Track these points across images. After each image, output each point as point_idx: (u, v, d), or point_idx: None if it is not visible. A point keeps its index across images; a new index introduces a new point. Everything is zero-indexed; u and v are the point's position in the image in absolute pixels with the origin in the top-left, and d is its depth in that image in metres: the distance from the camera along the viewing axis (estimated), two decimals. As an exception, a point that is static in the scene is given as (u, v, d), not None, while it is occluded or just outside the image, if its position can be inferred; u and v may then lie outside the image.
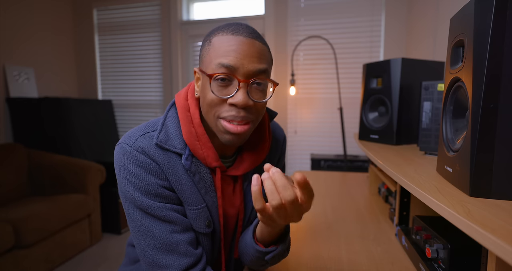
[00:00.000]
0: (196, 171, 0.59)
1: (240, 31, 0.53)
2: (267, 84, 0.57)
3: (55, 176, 2.14)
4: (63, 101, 2.35)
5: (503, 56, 0.42)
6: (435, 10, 1.61)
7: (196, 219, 0.59)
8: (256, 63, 0.53)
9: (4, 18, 2.35)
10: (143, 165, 0.55)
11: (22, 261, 1.64)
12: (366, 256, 0.76)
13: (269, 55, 0.57)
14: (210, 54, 0.54)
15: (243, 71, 0.52)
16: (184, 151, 0.58)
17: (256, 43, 0.54)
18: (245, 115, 0.54)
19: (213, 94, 0.53)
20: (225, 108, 0.54)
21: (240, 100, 0.52)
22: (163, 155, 0.57)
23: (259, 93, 0.56)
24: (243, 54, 0.52)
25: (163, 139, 0.57)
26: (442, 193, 0.50)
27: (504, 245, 0.31)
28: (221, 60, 0.52)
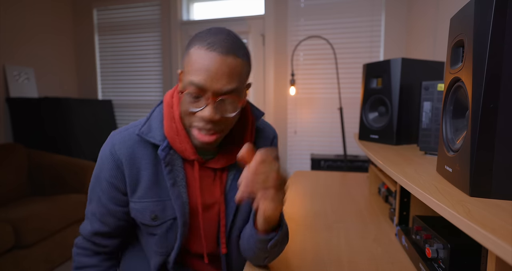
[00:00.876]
0: (169, 162, 0.64)
1: (215, 46, 0.55)
2: (237, 103, 0.60)
3: (55, 176, 2.14)
4: (63, 101, 2.35)
5: (503, 56, 0.42)
6: (435, 10, 1.61)
7: (142, 211, 0.65)
8: (225, 83, 0.56)
9: (4, 18, 2.35)
10: (105, 160, 0.65)
11: (22, 261, 1.64)
12: (366, 256, 0.76)
13: (244, 69, 0.59)
14: (186, 66, 0.58)
15: (211, 90, 0.56)
16: (162, 143, 0.63)
17: (229, 60, 0.55)
18: (212, 127, 0.59)
19: (185, 104, 0.59)
20: (195, 118, 0.59)
21: (207, 115, 0.57)
22: (132, 149, 0.64)
23: (228, 108, 0.59)
24: (213, 74, 0.55)
25: (145, 130, 0.64)
26: (442, 193, 0.50)
27: (504, 245, 0.31)
28: (192, 79, 0.56)
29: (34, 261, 1.70)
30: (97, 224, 0.68)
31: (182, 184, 0.65)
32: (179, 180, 0.65)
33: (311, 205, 1.15)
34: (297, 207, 1.13)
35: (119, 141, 0.64)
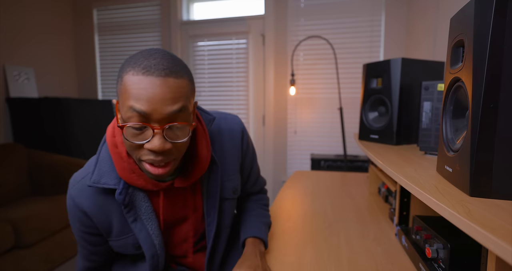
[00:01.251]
0: (129, 201, 0.62)
1: (152, 69, 0.49)
2: (186, 126, 0.55)
3: (55, 176, 2.14)
4: (63, 101, 2.35)
5: (503, 56, 0.42)
6: (435, 10, 1.61)
7: (124, 246, 0.67)
8: (169, 105, 0.50)
9: (4, 18, 2.35)
10: (71, 212, 0.65)
11: (22, 261, 1.64)
12: (366, 256, 0.76)
13: (188, 88, 0.54)
14: (122, 95, 0.51)
15: (156, 117, 0.50)
16: (118, 186, 0.60)
17: (169, 81, 0.50)
18: (163, 158, 0.53)
19: (127, 140, 0.52)
20: (144, 151, 0.53)
21: (156, 146, 0.51)
22: (92, 199, 0.63)
23: (177, 133, 0.54)
24: (155, 99, 0.49)
25: (96, 179, 0.60)
26: (442, 192, 0.50)
27: (504, 245, 0.31)
28: (132, 104, 0.49)
29: (34, 261, 1.70)
30: (86, 262, 0.72)
31: (146, 216, 0.64)
32: (142, 213, 0.64)
33: (311, 205, 1.15)
34: (297, 207, 1.13)
35: (76, 195, 0.63)
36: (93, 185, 0.60)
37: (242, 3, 2.62)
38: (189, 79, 0.55)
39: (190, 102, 0.56)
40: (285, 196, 1.27)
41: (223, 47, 2.61)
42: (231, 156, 0.75)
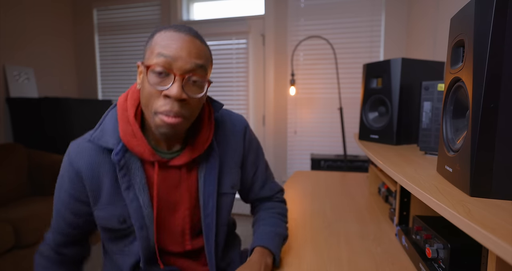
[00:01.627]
0: (124, 165, 0.62)
1: (182, 29, 0.58)
2: (203, 82, 0.60)
3: (55, 176, 2.14)
4: (63, 101, 2.35)
5: (504, 56, 0.42)
6: (435, 10, 1.61)
7: (109, 218, 0.64)
8: (194, 58, 0.57)
9: (4, 18, 2.35)
10: (64, 171, 0.64)
11: (22, 261, 1.64)
12: (366, 256, 0.76)
13: (209, 55, 0.62)
14: (151, 47, 0.58)
15: (180, 65, 0.56)
16: (116, 146, 0.61)
17: (196, 41, 0.58)
18: (178, 110, 0.57)
19: (150, 85, 0.57)
20: (160, 102, 0.57)
21: (174, 92, 0.55)
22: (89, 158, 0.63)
23: (195, 89, 0.59)
24: (182, 48, 0.56)
25: (97, 136, 0.63)
26: (442, 192, 0.50)
27: (504, 245, 0.31)
28: (160, 51, 0.56)
29: (34, 261, 1.70)
30: (58, 235, 0.69)
31: (140, 186, 0.63)
32: (136, 182, 0.63)
33: (311, 205, 1.15)
34: (297, 207, 1.13)
35: (75, 151, 0.63)
36: (93, 140, 0.62)
37: (242, 3, 2.62)
38: (210, 52, 0.63)
39: (208, 69, 0.62)
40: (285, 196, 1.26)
41: (223, 47, 2.61)
42: (232, 149, 0.75)
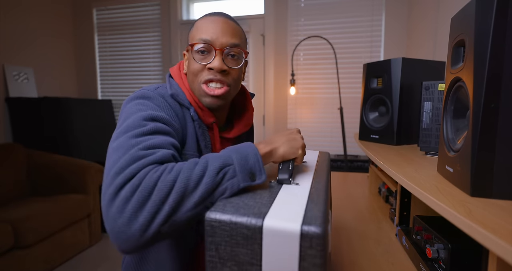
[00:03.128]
0: (200, 125, 0.68)
1: (218, 14, 0.68)
2: (241, 56, 0.69)
3: (55, 176, 2.14)
4: (62, 101, 2.35)
5: (504, 56, 0.42)
6: (435, 10, 1.61)
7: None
8: (229, 37, 0.66)
9: (4, 18, 2.35)
10: (161, 105, 0.61)
11: (22, 261, 1.64)
12: (366, 256, 0.76)
13: (243, 35, 0.70)
14: (193, 33, 0.68)
15: (218, 43, 0.65)
16: (191, 106, 0.67)
17: (230, 22, 0.67)
18: (221, 78, 0.66)
19: (196, 62, 0.66)
20: (205, 73, 0.66)
21: (216, 64, 0.64)
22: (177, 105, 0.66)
23: (233, 62, 0.68)
24: (218, 30, 0.65)
25: (174, 93, 0.67)
26: (442, 193, 0.50)
27: (505, 245, 0.31)
28: (200, 36, 0.65)
29: (34, 261, 1.70)
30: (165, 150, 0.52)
31: (210, 147, 0.68)
32: (208, 143, 0.68)
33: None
34: (297, 207, 1.13)
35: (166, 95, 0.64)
36: (173, 96, 0.66)
37: (242, 3, 2.62)
38: (244, 33, 0.71)
39: (244, 46, 0.70)
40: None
41: (223, 47, 2.61)
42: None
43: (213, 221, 0.42)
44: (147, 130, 0.52)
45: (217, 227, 0.42)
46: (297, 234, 0.38)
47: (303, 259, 0.39)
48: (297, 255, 0.39)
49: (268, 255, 0.40)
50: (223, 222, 0.41)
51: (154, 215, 0.43)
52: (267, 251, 0.40)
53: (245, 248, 0.41)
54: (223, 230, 0.42)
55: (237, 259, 0.42)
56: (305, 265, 0.39)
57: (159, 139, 0.52)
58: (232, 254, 0.42)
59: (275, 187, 0.53)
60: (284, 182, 0.54)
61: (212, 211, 0.43)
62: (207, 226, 0.42)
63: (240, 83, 0.73)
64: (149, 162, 0.47)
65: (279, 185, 0.54)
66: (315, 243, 0.38)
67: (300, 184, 0.54)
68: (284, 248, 0.39)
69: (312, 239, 0.38)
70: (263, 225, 0.40)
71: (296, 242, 0.39)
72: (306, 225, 0.39)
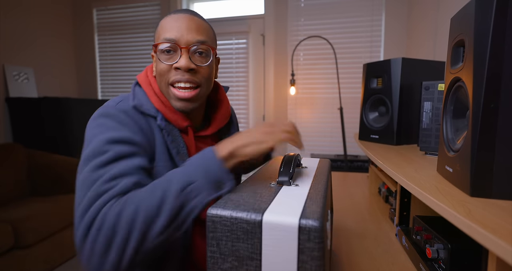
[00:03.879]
0: (169, 132, 0.65)
1: (182, 11, 0.65)
2: (209, 53, 0.66)
3: (55, 176, 2.14)
4: (62, 101, 2.35)
5: (504, 56, 0.42)
6: (435, 10, 1.61)
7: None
8: (194, 34, 0.63)
9: (4, 18, 2.35)
10: (122, 122, 0.59)
11: (22, 261, 1.64)
12: (366, 256, 0.76)
13: (210, 31, 0.67)
14: (158, 33, 0.65)
15: (184, 41, 0.62)
16: (158, 114, 0.64)
17: (195, 19, 0.64)
18: (189, 78, 0.63)
19: (161, 62, 0.63)
20: (172, 73, 0.63)
21: (183, 63, 0.61)
22: (141, 117, 0.63)
23: (201, 59, 0.65)
24: (183, 27, 0.62)
25: (138, 103, 0.64)
26: (442, 193, 0.50)
27: (505, 245, 0.31)
28: (165, 35, 0.62)
29: (34, 261, 1.70)
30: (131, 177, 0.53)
31: (184, 152, 0.65)
32: (181, 148, 0.65)
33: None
34: (297, 207, 1.13)
35: (128, 108, 0.61)
36: (137, 107, 0.63)
37: (242, 3, 2.62)
38: (212, 29, 0.68)
39: (212, 42, 0.67)
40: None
41: (223, 47, 2.61)
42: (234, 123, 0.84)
43: (214, 216, 0.43)
44: (109, 158, 0.53)
45: (218, 222, 0.43)
46: (296, 228, 0.39)
47: (302, 252, 0.40)
48: (296, 248, 0.40)
49: (268, 249, 0.41)
50: (224, 217, 0.43)
51: (122, 252, 0.45)
52: (267, 245, 0.41)
53: (245, 243, 0.42)
54: (224, 225, 0.43)
55: (237, 254, 0.43)
56: (303, 258, 0.40)
57: (121, 166, 0.53)
58: (233, 249, 0.43)
59: (275, 188, 0.54)
60: (284, 184, 0.55)
61: (214, 207, 0.44)
62: (208, 222, 0.43)
63: (212, 81, 0.70)
64: (111, 196, 0.48)
65: (279, 186, 0.55)
66: (313, 236, 0.39)
67: (300, 185, 0.55)
68: (283, 242, 0.40)
69: (310, 232, 0.39)
70: (263, 220, 0.41)
71: (294, 235, 0.40)
72: (304, 218, 0.40)
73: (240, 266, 0.43)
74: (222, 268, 0.44)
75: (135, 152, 0.57)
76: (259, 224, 0.41)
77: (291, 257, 0.40)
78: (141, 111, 0.63)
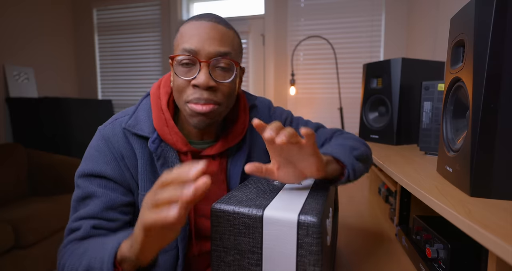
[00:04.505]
0: (161, 155, 0.60)
1: (204, 17, 0.57)
2: (232, 67, 0.58)
3: (55, 176, 2.14)
4: (63, 101, 2.35)
5: (504, 56, 0.42)
6: (435, 10, 1.61)
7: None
8: (216, 45, 0.56)
9: (4, 18, 2.35)
10: (100, 150, 0.60)
11: (22, 261, 1.64)
12: (366, 256, 0.76)
13: (235, 39, 0.60)
14: (177, 42, 0.59)
15: (204, 54, 0.55)
16: (152, 135, 0.60)
17: (218, 27, 0.57)
18: (208, 97, 0.56)
19: (178, 77, 0.57)
20: (190, 91, 0.57)
21: (202, 80, 0.54)
22: (127, 142, 0.60)
23: (223, 75, 0.58)
24: (204, 38, 0.55)
25: (131, 123, 0.60)
26: (442, 193, 0.50)
27: (505, 245, 0.31)
28: (184, 46, 0.56)
29: (34, 261, 1.70)
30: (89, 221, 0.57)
31: None
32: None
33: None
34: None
35: (112, 134, 0.60)
36: (127, 128, 0.59)
37: (242, 3, 2.62)
38: (237, 36, 0.61)
39: (237, 53, 0.60)
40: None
41: (223, 47, 2.61)
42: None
43: (218, 211, 0.45)
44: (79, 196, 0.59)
45: (222, 216, 0.45)
46: (295, 223, 0.41)
47: (300, 247, 0.41)
48: (295, 243, 0.41)
49: (268, 243, 0.43)
50: (227, 212, 0.45)
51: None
52: (267, 239, 0.43)
53: (247, 237, 0.44)
54: (227, 220, 0.45)
55: (239, 247, 0.45)
56: (302, 252, 0.41)
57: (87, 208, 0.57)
58: (235, 242, 0.45)
59: (279, 185, 0.55)
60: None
61: (218, 202, 0.46)
62: (212, 216, 0.46)
63: (234, 98, 0.63)
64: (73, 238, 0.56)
65: (282, 184, 0.56)
66: (311, 231, 0.40)
67: (302, 183, 0.56)
68: (282, 237, 0.42)
69: (308, 228, 0.40)
70: (264, 215, 0.43)
71: (293, 230, 0.41)
72: (303, 214, 0.41)
73: (241, 259, 0.44)
74: (224, 261, 0.46)
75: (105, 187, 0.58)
76: (260, 219, 0.43)
77: (290, 251, 0.42)
78: (133, 132, 0.60)
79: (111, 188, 0.59)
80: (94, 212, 0.57)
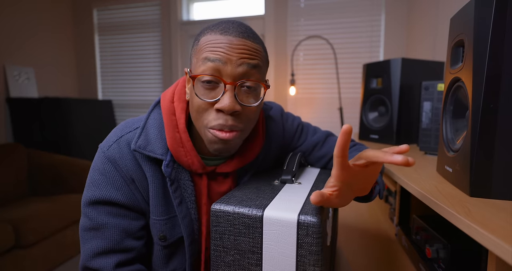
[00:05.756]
0: (175, 178, 0.56)
1: (230, 30, 0.49)
2: (258, 88, 0.52)
3: (55, 176, 2.14)
4: (63, 101, 2.35)
5: (503, 56, 0.42)
6: (435, 10, 1.61)
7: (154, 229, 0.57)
8: (244, 65, 0.49)
9: (4, 18, 2.35)
10: (108, 175, 0.54)
11: (22, 261, 1.64)
12: (366, 256, 0.76)
13: (263, 56, 0.53)
14: (196, 53, 0.51)
15: (230, 71, 0.48)
16: (165, 157, 0.54)
17: (246, 42, 0.50)
18: (233, 124, 0.50)
19: (199, 98, 0.50)
20: (212, 116, 0.51)
21: (227, 105, 0.48)
22: (136, 164, 0.55)
23: (249, 97, 0.51)
24: (231, 50, 0.48)
25: (142, 144, 0.54)
26: (442, 193, 0.50)
27: (504, 245, 0.31)
28: (207, 55, 0.48)
29: (34, 261, 1.70)
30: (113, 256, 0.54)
31: (191, 199, 0.57)
32: (188, 195, 0.57)
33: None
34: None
35: (119, 156, 0.54)
36: (138, 149, 0.53)
37: (242, 3, 2.62)
38: (264, 50, 0.54)
39: (263, 74, 0.54)
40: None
41: (223, 47, 2.61)
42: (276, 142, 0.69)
43: (218, 211, 0.45)
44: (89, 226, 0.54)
45: (221, 216, 0.45)
46: (295, 223, 0.41)
47: (300, 247, 0.41)
48: (295, 243, 0.41)
49: (268, 243, 0.43)
50: (227, 212, 0.45)
51: None
52: (267, 239, 0.43)
53: (247, 237, 0.44)
54: (226, 220, 0.45)
55: (239, 247, 0.45)
56: (302, 252, 0.41)
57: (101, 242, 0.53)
58: (235, 242, 0.45)
59: (279, 186, 0.55)
60: (287, 182, 0.56)
61: (218, 202, 0.46)
62: (212, 216, 0.45)
63: (256, 120, 0.56)
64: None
65: (282, 184, 0.56)
66: (311, 231, 0.40)
67: (302, 183, 0.56)
68: (282, 237, 0.42)
69: (308, 228, 0.40)
70: (264, 215, 0.43)
71: (293, 230, 0.41)
72: (303, 214, 0.41)
73: (241, 259, 0.44)
74: (224, 261, 0.45)
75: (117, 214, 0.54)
76: (260, 219, 0.43)
77: (290, 251, 0.42)
78: (144, 154, 0.54)
79: (123, 214, 0.55)
80: (110, 245, 0.53)
